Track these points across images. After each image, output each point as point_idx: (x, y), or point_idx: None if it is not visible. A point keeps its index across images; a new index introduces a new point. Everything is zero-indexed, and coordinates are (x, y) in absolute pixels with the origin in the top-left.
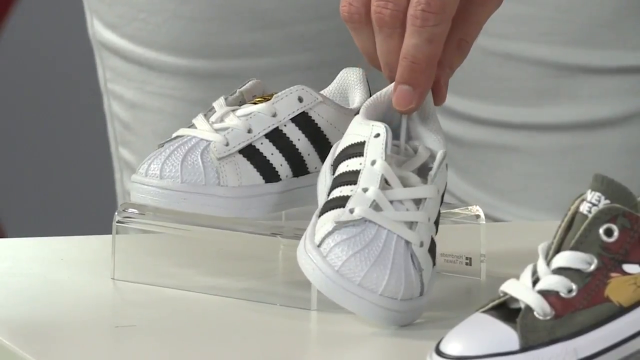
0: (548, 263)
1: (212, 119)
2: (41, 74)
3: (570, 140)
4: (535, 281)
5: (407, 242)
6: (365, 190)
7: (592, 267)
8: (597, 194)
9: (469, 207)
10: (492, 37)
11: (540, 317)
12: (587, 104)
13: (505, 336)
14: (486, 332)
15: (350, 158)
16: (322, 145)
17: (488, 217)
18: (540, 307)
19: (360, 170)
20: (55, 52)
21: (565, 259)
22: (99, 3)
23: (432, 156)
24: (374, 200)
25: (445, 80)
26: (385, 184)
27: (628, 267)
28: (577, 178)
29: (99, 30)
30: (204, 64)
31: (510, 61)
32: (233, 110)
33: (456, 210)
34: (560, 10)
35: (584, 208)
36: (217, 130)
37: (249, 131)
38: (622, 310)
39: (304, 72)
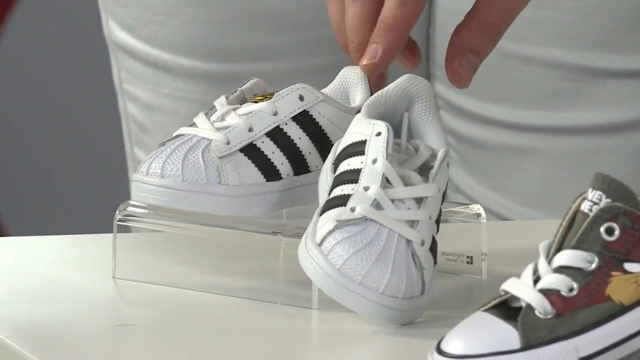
0: (549, 262)
1: (213, 117)
2: (46, 71)
3: (589, 143)
4: (536, 280)
5: (408, 241)
6: (366, 188)
7: (593, 265)
8: (598, 192)
9: (470, 206)
10: (511, 40)
11: (541, 316)
12: (606, 107)
13: (507, 335)
14: (487, 330)
15: (351, 157)
16: (323, 143)
17: (504, 220)
18: (541, 306)
19: (361, 169)
20: (70, 49)
21: (566, 257)
22: (115, 4)
23: (434, 155)
24: (375, 199)
25: (463, 63)
26: (386, 182)
27: (629, 266)
28: None
29: (114, 31)
30: (220, 67)
31: (528, 64)
32: (234, 109)
33: (457, 208)
34: (579, 14)
35: (585, 207)
36: (218, 129)
37: (250, 130)
38: (623, 309)
39: (320, 75)
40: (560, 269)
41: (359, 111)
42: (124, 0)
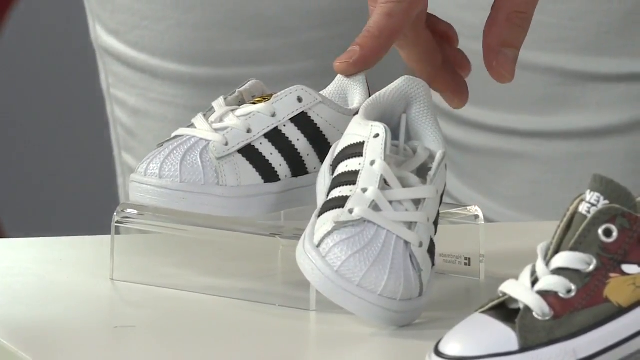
0: (547, 263)
1: (212, 118)
2: (42, 74)
3: (578, 147)
4: (534, 281)
5: (406, 243)
6: (364, 190)
7: (591, 267)
8: (596, 194)
9: (468, 208)
10: None
11: (539, 318)
12: (595, 111)
13: (504, 336)
14: (485, 332)
15: (349, 158)
16: (321, 145)
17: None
18: (539, 308)
19: (359, 170)
20: (57, 53)
21: (564, 259)
22: (101, 9)
23: (432, 156)
24: (373, 201)
25: (501, 60)
26: (384, 184)
27: (627, 268)
28: (584, 185)
29: (101, 35)
30: (207, 71)
31: (517, 69)
32: (232, 110)
33: (455, 210)
34: (567, 18)
35: (583, 208)
36: (216, 130)
37: (248, 131)
38: (621, 311)
39: (307, 80)
40: (558, 271)
41: (356, 113)
42: (110, 5)
